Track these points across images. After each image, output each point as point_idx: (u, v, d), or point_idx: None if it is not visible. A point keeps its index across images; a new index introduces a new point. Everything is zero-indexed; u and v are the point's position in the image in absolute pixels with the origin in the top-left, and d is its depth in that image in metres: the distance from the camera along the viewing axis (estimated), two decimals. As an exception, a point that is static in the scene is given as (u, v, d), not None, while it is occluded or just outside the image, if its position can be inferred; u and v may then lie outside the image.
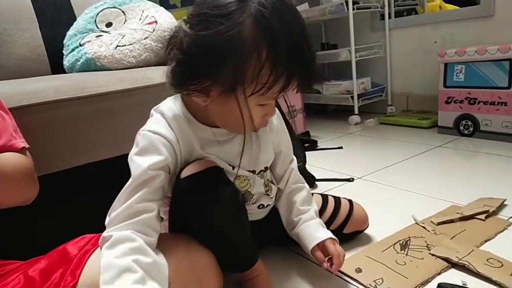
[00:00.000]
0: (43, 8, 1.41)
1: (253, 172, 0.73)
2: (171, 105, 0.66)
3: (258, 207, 0.76)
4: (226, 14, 0.53)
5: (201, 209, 0.62)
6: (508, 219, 0.93)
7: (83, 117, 0.93)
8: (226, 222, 0.63)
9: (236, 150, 0.68)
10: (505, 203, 1.00)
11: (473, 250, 0.78)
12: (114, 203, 0.59)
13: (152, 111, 0.68)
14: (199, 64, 0.55)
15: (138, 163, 0.59)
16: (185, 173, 0.62)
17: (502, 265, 0.73)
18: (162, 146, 0.61)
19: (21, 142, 0.67)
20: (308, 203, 0.81)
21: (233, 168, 0.68)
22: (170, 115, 0.64)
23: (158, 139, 0.61)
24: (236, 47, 0.53)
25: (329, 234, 0.75)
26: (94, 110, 0.94)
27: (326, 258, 0.73)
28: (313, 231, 0.76)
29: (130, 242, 0.54)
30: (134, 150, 0.62)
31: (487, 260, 0.75)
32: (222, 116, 0.62)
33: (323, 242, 0.74)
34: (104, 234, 0.56)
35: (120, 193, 0.59)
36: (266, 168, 0.76)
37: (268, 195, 0.77)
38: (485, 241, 0.83)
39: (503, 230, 0.87)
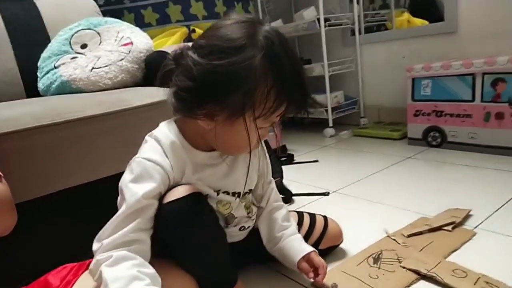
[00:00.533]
0: (16, 29, 1.41)
1: (238, 194, 0.75)
2: (166, 131, 0.68)
3: (240, 229, 0.79)
4: (239, 47, 0.58)
5: (181, 234, 0.64)
6: (473, 229, 0.98)
7: (60, 142, 0.93)
8: (205, 248, 0.66)
9: (222, 173, 0.72)
10: (470, 213, 1.05)
11: (440, 262, 0.83)
12: (105, 228, 0.61)
13: (147, 137, 0.70)
14: (211, 90, 0.60)
15: (133, 190, 0.61)
16: (168, 198, 0.64)
17: (467, 275, 0.77)
18: (157, 174, 0.63)
19: None
20: (288, 220, 0.85)
21: (217, 193, 0.71)
22: (167, 142, 0.66)
23: (152, 166, 0.63)
24: (249, 76, 0.58)
25: (311, 247, 0.80)
26: (71, 135, 0.94)
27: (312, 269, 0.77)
28: (298, 245, 0.80)
29: (131, 260, 0.58)
30: (128, 177, 0.63)
31: (453, 271, 0.79)
32: (226, 138, 0.66)
33: (308, 254, 0.78)
34: (99, 257, 0.58)
35: (113, 219, 0.61)
36: (250, 191, 0.79)
37: (250, 217, 0.80)
38: (452, 252, 0.88)
39: (468, 240, 0.93)
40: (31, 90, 1.34)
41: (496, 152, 1.50)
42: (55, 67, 1.29)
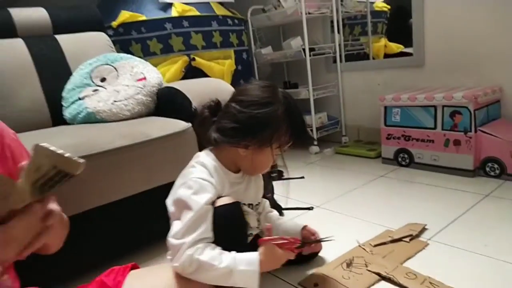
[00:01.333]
0: (42, 63, 1.60)
1: (251, 206, 1.02)
2: (208, 159, 0.96)
3: (248, 235, 1.03)
4: (270, 102, 0.91)
5: (226, 229, 0.90)
6: (427, 240, 1.23)
7: (93, 168, 1.13)
8: (239, 235, 0.94)
9: (243, 189, 1.01)
10: (426, 227, 1.30)
11: (397, 267, 1.07)
12: (178, 229, 0.85)
13: (194, 163, 0.96)
14: (252, 129, 0.90)
15: (196, 200, 0.87)
16: (217, 203, 0.91)
17: (416, 277, 1.02)
18: (210, 188, 0.90)
19: None
20: (279, 218, 1.16)
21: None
22: (211, 167, 0.94)
23: (206, 183, 0.90)
24: (276, 120, 0.90)
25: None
26: (102, 163, 1.15)
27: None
28: (295, 222, 1.15)
29: (211, 245, 0.86)
30: (188, 191, 0.89)
31: (406, 274, 1.03)
32: (257, 161, 0.95)
33: (305, 226, 1.12)
34: (189, 251, 0.82)
35: (185, 222, 0.85)
36: (259, 203, 1.06)
37: (258, 227, 1.06)
38: (408, 259, 1.12)
39: (422, 249, 1.17)
40: (56, 118, 1.54)
41: (454, 173, 1.76)
42: (79, 99, 1.50)
